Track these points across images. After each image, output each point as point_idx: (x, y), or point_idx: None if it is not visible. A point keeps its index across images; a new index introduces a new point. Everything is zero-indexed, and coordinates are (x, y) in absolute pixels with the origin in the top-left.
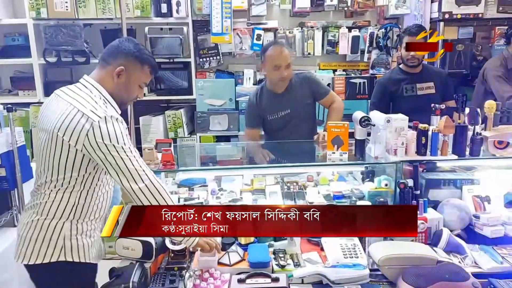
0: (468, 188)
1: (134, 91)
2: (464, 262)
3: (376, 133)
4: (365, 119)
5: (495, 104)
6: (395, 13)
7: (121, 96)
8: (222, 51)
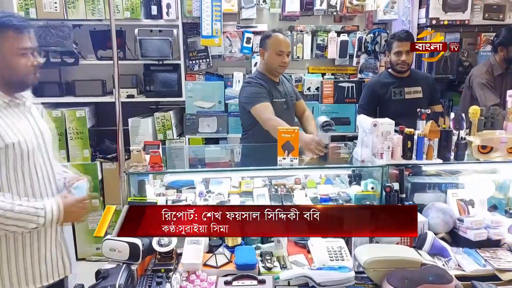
0: (452, 192)
1: (15, 63)
2: (448, 265)
3: (362, 137)
4: (327, 124)
5: (480, 109)
6: (383, 18)
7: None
8: (211, 53)
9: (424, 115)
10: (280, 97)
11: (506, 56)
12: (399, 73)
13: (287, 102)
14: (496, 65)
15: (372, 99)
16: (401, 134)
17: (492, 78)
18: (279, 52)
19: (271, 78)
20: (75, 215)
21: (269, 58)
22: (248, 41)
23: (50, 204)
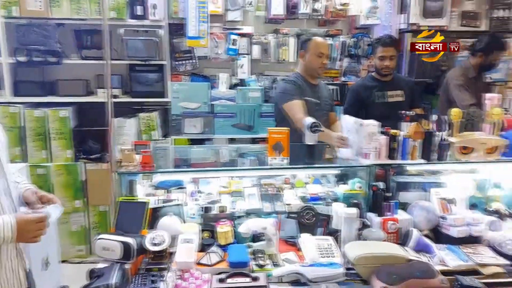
0: (435, 191)
1: None
2: (432, 260)
3: (347, 136)
4: (315, 125)
5: (461, 112)
6: (366, 23)
7: None
8: (197, 54)
9: (408, 117)
10: (314, 97)
11: (483, 62)
12: (383, 76)
13: (321, 104)
14: (471, 68)
15: (357, 102)
16: (387, 135)
17: (467, 80)
18: (320, 54)
19: (309, 80)
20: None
21: (309, 60)
22: (234, 43)
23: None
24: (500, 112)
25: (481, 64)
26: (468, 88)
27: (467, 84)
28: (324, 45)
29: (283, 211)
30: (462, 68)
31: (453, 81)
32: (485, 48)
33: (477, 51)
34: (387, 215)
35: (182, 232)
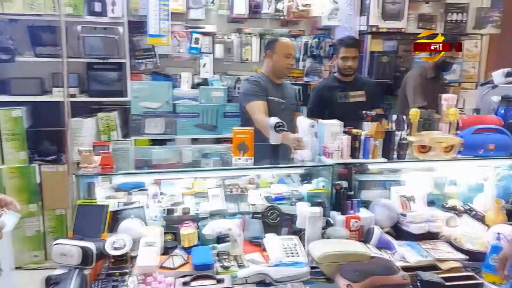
0: (395, 188)
1: None
2: (393, 257)
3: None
4: (279, 125)
5: (419, 112)
6: (327, 24)
7: None
8: (158, 53)
9: (369, 117)
10: (278, 97)
11: (438, 61)
12: (345, 77)
13: (286, 103)
14: (429, 69)
15: (320, 102)
16: (349, 135)
17: (424, 81)
18: (287, 55)
19: (273, 79)
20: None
21: (277, 60)
22: (196, 42)
23: None
24: (456, 112)
25: (437, 64)
26: (425, 88)
27: (424, 85)
28: (292, 46)
29: (248, 211)
30: (420, 69)
31: (410, 82)
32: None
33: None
34: (350, 213)
35: (144, 235)
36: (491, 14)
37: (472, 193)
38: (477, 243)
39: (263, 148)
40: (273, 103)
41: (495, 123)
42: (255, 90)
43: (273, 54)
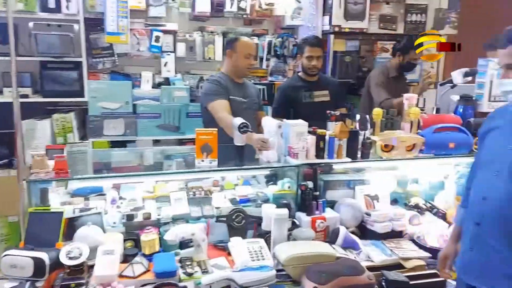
0: (360, 188)
1: None
2: (358, 257)
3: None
4: (244, 126)
5: (382, 111)
6: (291, 23)
7: None
8: (117, 51)
9: (334, 116)
10: (240, 96)
11: (402, 61)
12: (310, 76)
13: (248, 103)
14: (392, 68)
15: (285, 102)
16: (314, 135)
17: (387, 80)
18: (248, 55)
19: (234, 79)
20: None
21: (237, 60)
22: (157, 40)
23: None
24: (417, 111)
25: (401, 64)
26: (387, 87)
27: (386, 83)
28: (252, 46)
29: (212, 215)
30: (382, 68)
31: (373, 79)
32: (403, 48)
33: (396, 51)
34: (315, 214)
35: (102, 242)
36: (449, 15)
37: (433, 191)
38: (439, 241)
39: (227, 149)
40: (234, 102)
41: (455, 121)
42: (216, 89)
43: (233, 54)
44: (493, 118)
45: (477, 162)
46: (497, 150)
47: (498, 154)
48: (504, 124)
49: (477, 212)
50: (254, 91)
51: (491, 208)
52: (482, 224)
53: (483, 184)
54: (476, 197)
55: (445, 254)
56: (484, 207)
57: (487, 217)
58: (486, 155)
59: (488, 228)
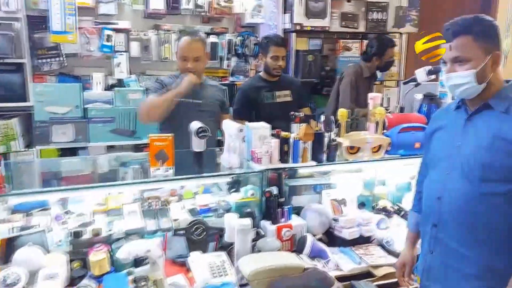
0: (326, 192)
1: None
2: (327, 266)
3: (229, 142)
4: (202, 130)
5: (347, 112)
6: (251, 21)
7: None
8: (65, 52)
9: (298, 118)
10: (193, 98)
11: (380, 63)
12: (271, 77)
13: (204, 105)
14: (365, 69)
15: (246, 103)
16: (278, 138)
17: (360, 79)
18: (183, 57)
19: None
20: None
21: (178, 62)
22: (108, 39)
23: None
24: (383, 111)
25: (379, 65)
26: (359, 86)
27: (359, 83)
28: (187, 47)
29: (170, 227)
30: (357, 67)
31: (346, 78)
32: (379, 50)
33: (372, 56)
34: (281, 222)
35: (44, 265)
36: (409, 13)
37: (400, 192)
38: None
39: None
40: (186, 104)
41: (420, 121)
42: (154, 87)
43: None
44: (437, 118)
45: (426, 163)
46: (445, 149)
47: (447, 152)
48: (449, 123)
49: (433, 214)
50: (213, 92)
51: (447, 207)
52: (439, 225)
53: (436, 184)
54: (430, 198)
55: (402, 262)
56: (440, 207)
57: (444, 217)
58: (435, 155)
59: (446, 228)
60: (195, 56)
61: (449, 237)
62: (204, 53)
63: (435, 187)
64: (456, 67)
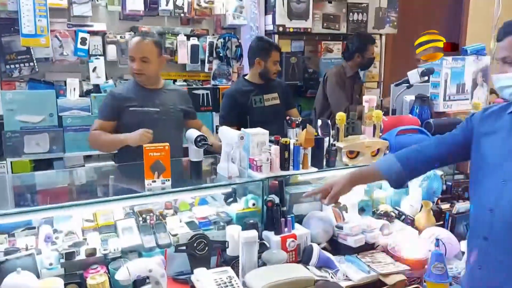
0: None
1: None
2: (336, 276)
3: (228, 151)
4: (202, 139)
5: (345, 115)
6: (233, 23)
7: None
8: (36, 56)
9: (294, 123)
10: (148, 106)
11: (362, 61)
12: (259, 79)
13: (162, 112)
14: (348, 68)
15: (234, 108)
16: (277, 144)
17: (345, 78)
18: (131, 57)
19: (146, 84)
20: None
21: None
22: (83, 42)
23: None
24: (380, 114)
25: (361, 63)
26: (345, 86)
27: (344, 82)
28: (135, 47)
29: (169, 243)
30: (339, 68)
31: (331, 78)
32: (360, 47)
33: (353, 53)
34: (285, 232)
35: None
36: (389, 14)
37: (397, 197)
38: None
39: (181, 166)
40: (140, 113)
41: (414, 123)
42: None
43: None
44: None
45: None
46: (500, 156)
47: (502, 160)
48: (502, 127)
49: (484, 225)
50: (176, 98)
51: (500, 220)
52: (490, 238)
53: (489, 194)
54: (482, 209)
55: (332, 184)
56: (492, 219)
57: (496, 230)
58: (487, 163)
59: (497, 242)
60: (142, 57)
61: (500, 251)
62: (157, 55)
63: (488, 197)
64: (506, 67)
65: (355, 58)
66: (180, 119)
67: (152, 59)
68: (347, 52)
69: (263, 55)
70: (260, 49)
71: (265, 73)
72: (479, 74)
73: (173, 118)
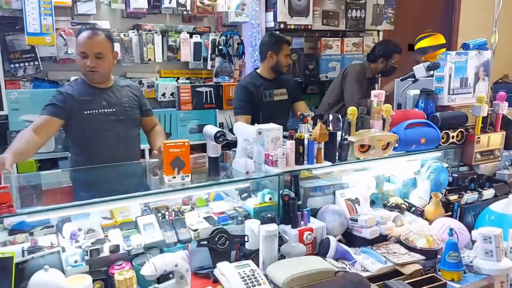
0: (340, 192)
1: None
2: (353, 267)
3: (245, 146)
4: (221, 134)
5: (356, 109)
6: (236, 20)
7: None
8: (40, 55)
9: (306, 118)
10: (100, 107)
11: (385, 67)
12: (270, 75)
13: (121, 112)
14: (369, 70)
15: (249, 99)
16: (291, 139)
17: (364, 78)
18: (81, 54)
19: (95, 84)
20: None
21: (77, 61)
22: None
23: None
24: (390, 108)
25: (382, 68)
26: (363, 84)
27: (364, 81)
28: (88, 42)
29: (190, 238)
30: (361, 66)
31: (351, 74)
32: (387, 53)
33: (379, 57)
34: (301, 226)
35: None
36: (386, 11)
37: (406, 189)
38: (426, 240)
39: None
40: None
41: (420, 116)
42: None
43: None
44: None
45: None
46: None
47: None
48: None
49: None
50: (129, 94)
51: None
52: None
53: None
54: None
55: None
56: None
57: None
58: None
59: None
60: (96, 52)
61: None
62: (110, 51)
63: None
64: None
65: (378, 62)
66: (137, 117)
67: (106, 55)
68: (372, 55)
69: (275, 49)
70: (272, 43)
71: (277, 66)
72: (481, 68)
73: (130, 117)
